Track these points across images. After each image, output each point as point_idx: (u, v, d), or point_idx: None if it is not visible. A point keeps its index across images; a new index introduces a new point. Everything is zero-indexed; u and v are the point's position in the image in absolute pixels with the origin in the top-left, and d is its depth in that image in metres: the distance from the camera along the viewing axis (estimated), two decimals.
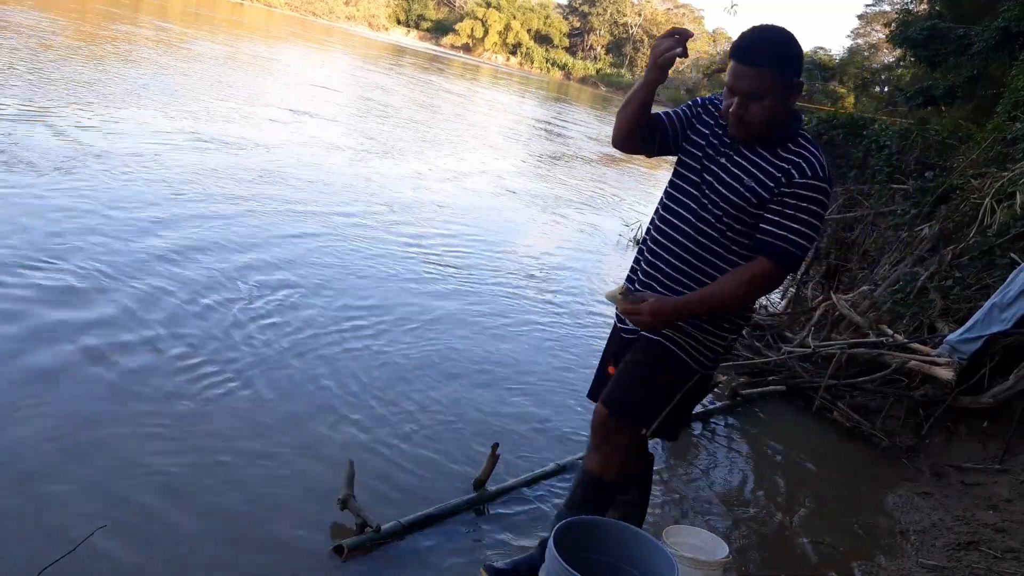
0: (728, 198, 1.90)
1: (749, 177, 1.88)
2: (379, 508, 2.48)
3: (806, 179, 1.82)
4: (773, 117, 1.85)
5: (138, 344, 3.21)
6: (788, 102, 1.87)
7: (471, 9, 63.01)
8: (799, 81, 1.87)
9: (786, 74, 1.84)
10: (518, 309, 5.06)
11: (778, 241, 1.84)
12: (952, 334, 4.18)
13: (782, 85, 1.83)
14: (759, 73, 1.81)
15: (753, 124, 1.85)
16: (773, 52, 1.82)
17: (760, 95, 1.81)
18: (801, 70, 1.88)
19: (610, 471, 2.07)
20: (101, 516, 2.17)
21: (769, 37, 1.84)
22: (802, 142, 1.88)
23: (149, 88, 9.44)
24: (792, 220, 1.83)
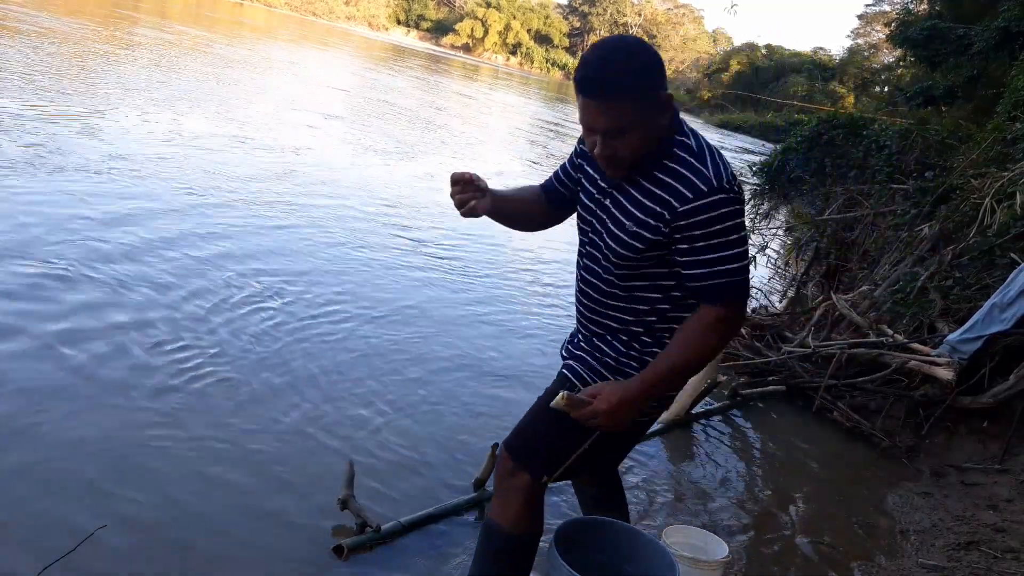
0: (617, 251, 1.65)
1: (630, 220, 1.62)
2: (379, 508, 2.48)
3: (688, 204, 1.52)
4: (646, 147, 1.56)
5: (139, 344, 3.21)
6: (659, 123, 1.55)
7: (471, 9, 63.04)
8: (665, 94, 1.54)
9: (647, 95, 1.51)
10: (522, 311, 5.06)
11: (708, 281, 1.55)
12: (952, 334, 4.18)
13: (646, 109, 1.52)
14: (615, 106, 1.50)
15: (624, 159, 1.57)
16: (626, 75, 1.48)
17: (623, 129, 1.52)
18: (662, 80, 1.54)
19: (506, 517, 1.81)
20: (101, 516, 2.17)
21: (615, 57, 1.50)
22: (679, 154, 1.56)
23: (195, 95, 9.92)
24: (704, 252, 1.54)
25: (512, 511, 1.81)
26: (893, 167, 7.09)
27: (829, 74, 49.86)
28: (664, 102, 1.55)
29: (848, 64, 49.54)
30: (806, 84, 47.17)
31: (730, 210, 1.53)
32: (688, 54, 69.77)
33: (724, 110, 48.09)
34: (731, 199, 1.53)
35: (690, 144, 1.58)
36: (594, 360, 1.80)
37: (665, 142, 1.58)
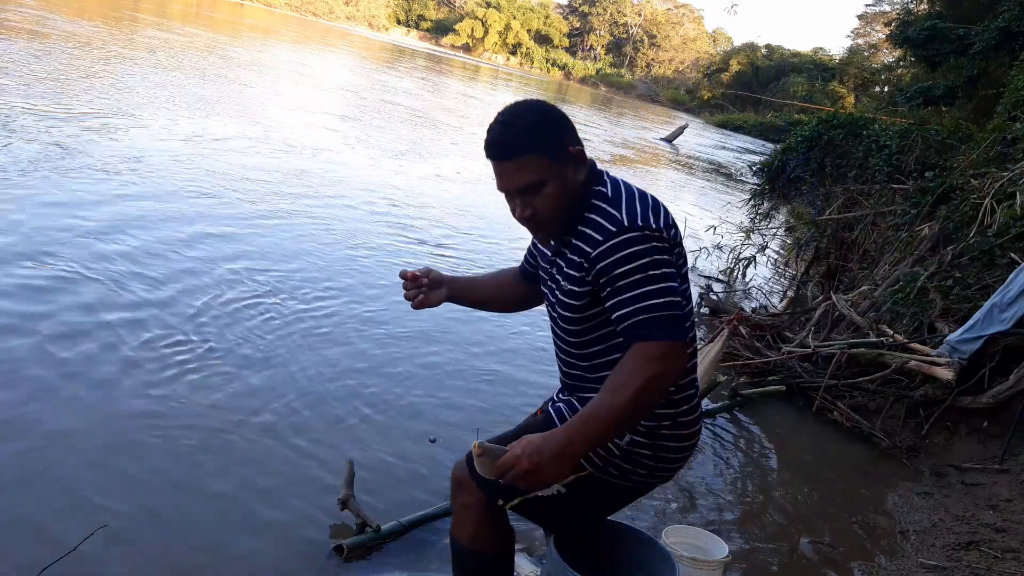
0: (564, 314, 1.66)
1: (565, 280, 1.62)
2: (379, 508, 2.48)
3: (599, 247, 1.50)
4: (564, 203, 1.57)
5: (139, 342, 3.21)
6: (572, 177, 1.57)
7: (471, 9, 63.03)
8: (575, 149, 1.57)
9: (554, 149, 1.54)
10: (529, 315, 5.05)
11: (632, 319, 1.46)
12: (952, 334, 4.18)
13: (554, 163, 1.54)
14: (524, 162, 1.53)
15: (548, 220, 1.58)
16: (528, 133, 1.53)
17: (536, 185, 1.54)
18: (570, 136, 1.58)
19: (462, 534, 1.79)
20: (101, 517, 2.17)
21: (514, 120, 1.55)
22: (595, 203, 1.57)
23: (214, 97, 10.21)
24: (624, 291, 1.47)
25: (466, 528, 1.79)
26: (893, 167, 7.09)
27: (829, 74, 49.86)
28: (575, 156, 1.57)
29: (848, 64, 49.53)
30: (806, 84, 47.17)
31: (644, 247, 1.48)
32: (688, 54, 69.75)
33: (724, 110, 48.09)
34: (643, 237, 1.49)
35: (605, 192, 1.58)
36: (578, 404, 1.73)
37: (584, 196, 1.59)
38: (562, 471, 1.43)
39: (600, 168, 1.66)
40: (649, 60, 69.47)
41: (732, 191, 14.71)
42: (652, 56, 69.44)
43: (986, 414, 4.03)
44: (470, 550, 1.81)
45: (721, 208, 11.75)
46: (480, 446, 1.44)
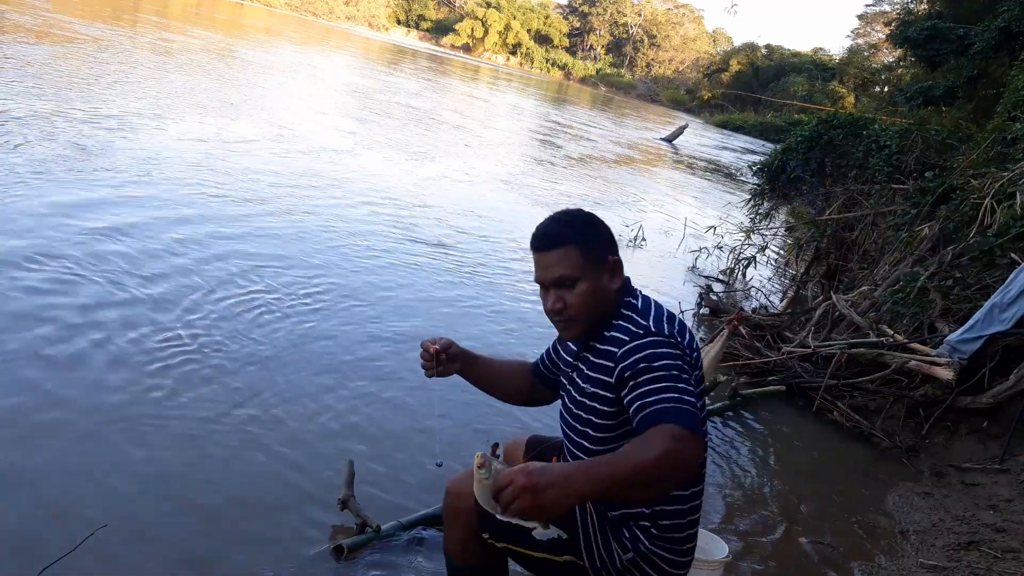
0: (582, 416, 1.71)
1: (587, 383, 1.69)
2: (379, 508, 2.48)
3: (625, 347, 1.58)
4: (595, 305, 1.65)
5: (140, 342, 3.21)
6: (606, 283, 1.67)
7: (471, 9, 63.06)
8: (613, 259, 1.68)
9: (593, 250, 1.66)
10: (528, 314, 5.06)
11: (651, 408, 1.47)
12: (952, 334, 4.18)
13: (593, 263, 1.65)
14: (563, 255, 1.63)
15: (577, 318, 1.66)
16: (572, 229, 1.66)
17: (571, 279, 1.63)
18: (612, 246, 1.70)
19: (454, 551, 1.86)
20: (101, 517, 2.17)
21: (564, 218, 1.69)
22: (625, 313, 1.66)
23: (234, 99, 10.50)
24: (645, 386, 1.50)
25: (456, 545, 1.85)
26: (893, 167, 7.10)
27: (829, 74, 49.87)
28: (612, 265, 1.68)
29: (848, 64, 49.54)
30: (806, 84, 47.18)
31: (666, 351, 1.54)
32: (688, 54, 69.75)
33: (724, 110, 48.10)
34: (664, 341, 1.56)
35: (636, 304, 1.68)
36: None
37: (615, 305, 1.68)
38: (558, 503, 1.33)
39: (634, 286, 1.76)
40: (649, 60, 69.48)
41: (732, 191, 14.71)
42: (652, 56, 69.44)
43: (986, 414, 4.03)
44: (460, 564, 1.86)
45: (721, 208, 11.76)
46: (482, 456, 1.40)
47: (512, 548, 1.78)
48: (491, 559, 1.86)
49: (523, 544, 1.76)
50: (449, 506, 1.86)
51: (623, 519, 1.74)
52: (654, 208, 10.90)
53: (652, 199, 11.75)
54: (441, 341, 1.90)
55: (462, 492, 1.80)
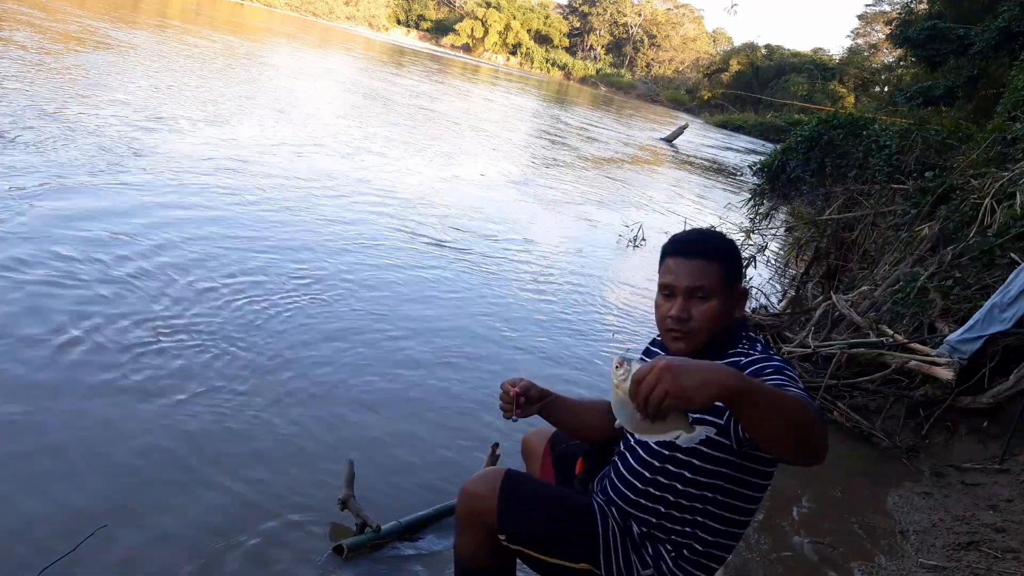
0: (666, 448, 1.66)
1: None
2: (379, 508, 2.48)
3: (750, 358, 1.58)
4: (716, 325, 1.63)
5: (140, 342, 3.21)
6: (733, 310, 1.66)
7: (471, 9, 63.08)
8: (743, 288, 1.69)
9: (732, 273, 1.66)
10: (529, 317, 5.06)
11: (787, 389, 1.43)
12: (952, 334, 4.18)
13: (727, 285, 1.64)
14: (704, 266, 1.62)
15: (697, 332, 1.62)
16: (720, 246, 1.68)
17: (706, 293, 1.62)
18: (742, 275, 1.71)
19: (464, 551, 1.85)
20: (101, 517, 2.17)
21: (713, 233, 1.73)
22: (743, 343, 1.66)
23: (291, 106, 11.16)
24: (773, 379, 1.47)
25: (467, 545, 1.83)
26: (893, 167, 7.10)
27: (829, 74, 49.90)
28: (740, 293, 1.69)
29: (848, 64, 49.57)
30: (806, 84, 47.19)
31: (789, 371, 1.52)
32: (688, 54, 69.76)
33: (724, 110, 48.12)
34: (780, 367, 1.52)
35: (756, 339, 1.68)
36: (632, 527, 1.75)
37: (734, 334, 1.67)
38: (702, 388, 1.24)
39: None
40: (649, 60, 69.49)
41: (732, 191, 14.71)
42: (652, 56, 69.45)
43: (986, 414, 4.03)
44: (472, 566, 1.84)
45: (721, 208, 11.76)
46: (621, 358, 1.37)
47: (526, 552, 1.76)
48: (502, 562, 1.84)
49: (538, 549, 1.74)
50: (464, 507, 1.82)
51: (648, 536, 1.73)
52: (654, 208, 10.91)
53: (652, 199, 11.75)
54: (521, 384, 1.84)
55: (478, 494, 1.79)
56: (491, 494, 1.76)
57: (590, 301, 5.69)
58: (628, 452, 1.78)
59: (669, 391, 1.23)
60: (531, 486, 1.83)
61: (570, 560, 1.74)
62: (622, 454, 1.80)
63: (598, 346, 4.80)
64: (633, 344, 4.97)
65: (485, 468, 1.94)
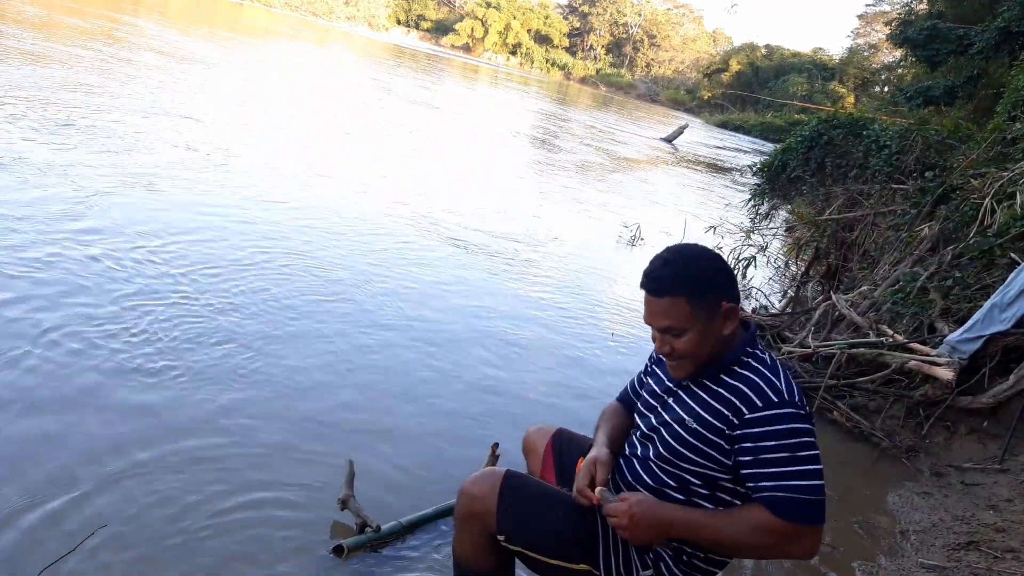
0: (672, 447, 1.66)
1: (691, 417, 1.63)
2: (379, 508, 2.48)
3: (758, 412, 1.53)
4: (702, 350, 1.61)
5: (142, 342, 3.21)
6: (718, 329, 1.61)
7: (471, 9, 63.07)
8: (730, 306, 1.61)
9: (703, 299, 1.58)
10: (528, 316, 5.05)
11: (775, 493, 1.49)
12: (952, 334, 4.18)
13: (702, 313, 1.58)
14: (671, 305, 1.58)
15: (686, 361, 1.63)
16: (680, 278, 1.58)
17: (677, 329, 1.59)
18: (727, 292, 1.61)
19: (463, 552, 1.86)
20: (101, 517, 2.17)
21: (676, 262, 1.60)
22: (752, 364, 1.60)
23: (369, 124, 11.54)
24: (773, 466, 1.50)
25: (466, 546, 1.84)
26: (893, 167, 7.09)
27: (829, 74, 49.90)
28: (726, 311, 1.61)
29: (848, 64, 49.57)
30: (806, 84, 47.20)
31: (802, 427, 1.51)
32: (688, 54, 69.75)
33: (724, 110, 48.13)
34: (802, 416, 1.52)
35: (764, 358, 1.63)
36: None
37: (734, 350, 1.63)
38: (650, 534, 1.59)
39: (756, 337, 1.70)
40: (649, 60, 69.48)
41: (732, 191, 14.71)
42: (652, 56, 69.45)
43: (986, 414, 4.03)
44: (471, 567, 1.85)
45: (721, 208, 11.76)
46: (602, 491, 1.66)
47: (526, 553, 1.76)
48: (501, 563, 1.84)
49: (537, 550, 1.75)
50: (463, 508, 1.82)
51: None
52: (654, 208, 10.91)
53: (652, 199, 11.75)
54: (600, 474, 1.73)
55: (477, 494, 1.79)
56: (490, 495, 1.77)
57: (589, 301, 5.69)
58: (633, 457, 1.78)
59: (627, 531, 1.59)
60: (530, 487, 1.83)
61: (569, 561, 1.74)
62: (627, 458, 1.80)
63: (598, 346, 4.80)
64: (634, 342, 4.98)
65: (484, 468, 1.93)
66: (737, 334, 1.65)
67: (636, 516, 1.56)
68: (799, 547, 1.50)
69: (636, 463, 1.76)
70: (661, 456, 1.68)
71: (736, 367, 1.61)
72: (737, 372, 1.60)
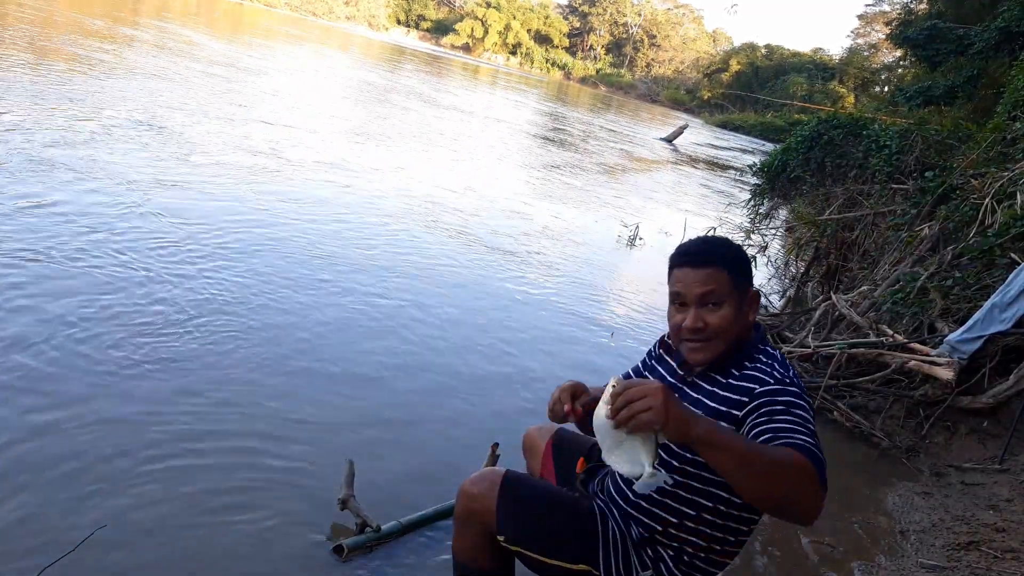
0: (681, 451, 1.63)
1: (701, 409, 1.60)
2: (379, 508, 2.48)
3: (768, 387, 1.55)
4: (731, 331, 1.62)
5: (144, 343, 3.21)
6: (746, 313, 1.65)
7: (471, 9, 63.07)
8: (755, 290, 1.68)
9: (740, 278, 1.63)
10: (528, 316, 5.05)
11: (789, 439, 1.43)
12: (952, 334, 4.18)
13: (738, 290, 1.62)
14: (713, 274, 1.60)
15: (715, 339, 1.61)
16: (726, 253, 1.65)
17: (717, 300, 1.60)
18: (752, 277, 1.69)
19: (462, 551, 1.86)
20: (101, 517, 2.17)
21: (718, 240, 1.71)
22: (761, 357, 1.63)
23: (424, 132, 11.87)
24: (787, 423, 1.46)
25: (465, 546, 1.84)
26: (893, 167, 7.10)
27: (829, 74, 49.92)
28: (752, 297, 1.67)
29: (848, 64, 49.59)
30: (806, 84, 47.21)
31: (795, 399, 1.51)
32: (688, 54, 69.77)
33: (724, 110, 48.13)
34: (797, 393, 1.54)
35: (774, 354, 1.65)
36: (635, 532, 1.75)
37: (749, 345, 1.65)
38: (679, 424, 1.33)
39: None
40: (649, 60, 69.50)
41: (732, 191, 14.71)
42: (652, 56, 69.47)
43: (986, 414, 4.03)
44: (470, 567, 1.85)
45: (721, 208, 11.77)
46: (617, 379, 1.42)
47: (525, 553, 1.76)
48: (501, 563, 1.84)
49: (537, 550, 1.75)
50: (462, 508, 1.83)
51: (648, 538, 1.73)
52: (654, 208, 10.90)
53: (652, 199, 11.75)
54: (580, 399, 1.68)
55: (476, 494, 1.79)
56: (490, 494, 1.77)
57: (588, 300, 5.69)
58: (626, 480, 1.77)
59: (653, 407, 1.30)
60: (530, 486, 1.83)
61: (569, 561, 1.74)
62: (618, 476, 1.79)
63: (597, 346, 4.80)
64: (634, 343, 4.98)
65: (484, 468, 1.93)
66: (751, 330, 1.68)
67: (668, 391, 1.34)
68: (812, 499, 1.36)
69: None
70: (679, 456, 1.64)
71: (749, 361, 1.63)
72: (751, 365, 1.62)
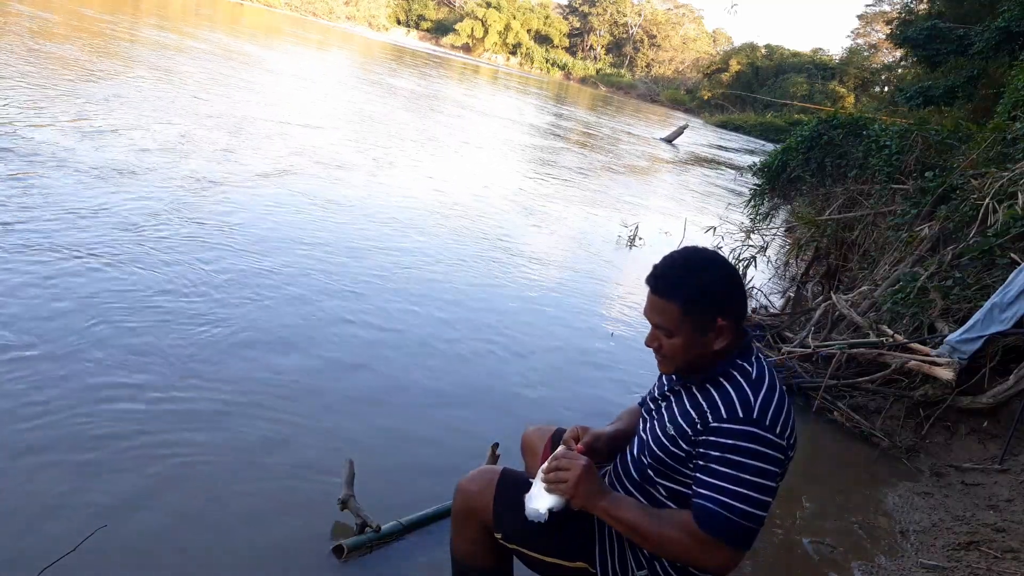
0: (653, 450, 1.65)
1: (672, 424, 1.61)
2: (379, 508, 2.48)
3: (720, 422, 1.50)
4: (687, 356, 1.61)
5: (147, 344, 3.21)
6: (708, 342, 1.59)
7: (471, 9, 63.02)
8: (723, 323, 1.57)
9: (696, 314, 1.57)
10: (528, 316, 5.05)
11: (703, 502, 1.48)
12: (952, 334, 4.18)
13: (692, 324, 1.57)
14: (665, 307, 1.59)
15: (669, 359, 1.64)
16: (682, 287, 1.58)
17: (666, 332, 1.60)
18: (727, 309, 1.58)
19: (460, 549, 1.87)
20: (101, 517, 2.17)
21: (682, 265, 1.61)
22: (734, 375, 1.57)
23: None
24: (714, 475, 1.48)
25: (463, 543, 1.85)
26: (893, 167, 7.08)
27: (829, 74, 49.92)
28: (719, 329, 1.57)
29: (848, 64, 49.60)
30: (806, 84, 47.21)
31: (758, 449, 1.47)
32: (688, 54, 69.74)
33: (724, 110, 48.13)
34: (764, 438, 1.48)
35: (749, 371, 1.58)
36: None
37: (722, 363, 1.60)
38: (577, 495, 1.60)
39: (754, 346, 1.68)
40: (649, 60, 69.49)
41: (732, 191, 14.72)
42: (652, 56, 69.45)
43: (986, 414, 4.03)
44: (468, 565, 1.85)
45: (721, 208, 11.77)
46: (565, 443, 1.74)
47: (522, 551, 1.76)
48: (499, 560, 1.84)
49: (534, 547, 1.75)
50: (460, 505, 1.83)
51: None
52: (654, 208, 10.91)
53: (652, 199, 11.75)
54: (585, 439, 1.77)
55: (473, 491, 1.79)
56: (487, 492, 1.77)
57: (588, 300, 5.69)
58: (629, 455, 1.78)
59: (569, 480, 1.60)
60: (527, 484, 1.83)
61: (566, 559, 1.74)
62: (623, 458, 1.80)
63: (597, 347, 4.80)
64: (634, 343, 4.98)
65: (481, 466, 1.93)
66: (732, 346, 1.61)
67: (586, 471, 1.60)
68: (711, 560, 1.49)
69: (630, 461, 1.76)
70: (648, 457, 1.68)
71: (721, 378, 1.59)
72: (719, 382, 1.58)
